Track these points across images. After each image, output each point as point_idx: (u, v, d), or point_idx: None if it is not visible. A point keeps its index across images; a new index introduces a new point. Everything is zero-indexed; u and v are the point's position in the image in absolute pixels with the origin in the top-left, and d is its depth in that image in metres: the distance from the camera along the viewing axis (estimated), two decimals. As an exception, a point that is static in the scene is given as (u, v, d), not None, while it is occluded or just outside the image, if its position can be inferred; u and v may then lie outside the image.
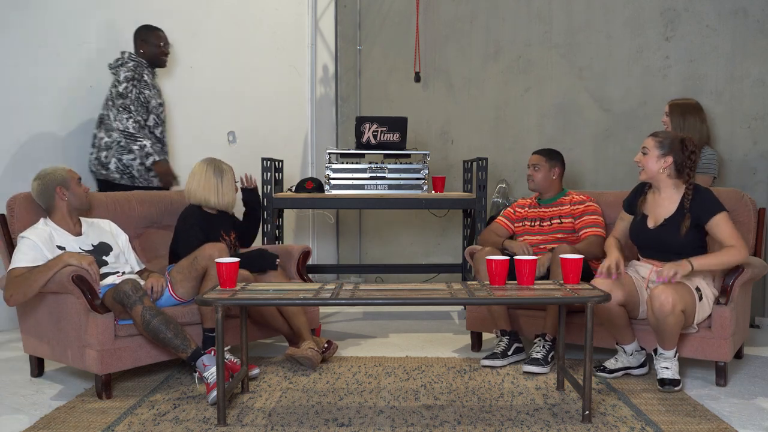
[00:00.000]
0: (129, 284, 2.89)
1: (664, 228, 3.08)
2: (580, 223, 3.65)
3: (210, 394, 2.80)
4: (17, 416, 2.71)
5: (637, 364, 3.21)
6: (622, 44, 5.05)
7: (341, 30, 5.82)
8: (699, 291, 3.01)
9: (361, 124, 4.43)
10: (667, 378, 2.97)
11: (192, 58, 4.87)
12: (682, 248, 3.03)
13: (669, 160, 3.06)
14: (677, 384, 2.97)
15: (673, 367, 2.99)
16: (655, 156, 3.07)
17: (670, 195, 3.11)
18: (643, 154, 3.11)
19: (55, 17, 4.22)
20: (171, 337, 2.87)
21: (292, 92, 5.62)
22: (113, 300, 2.89)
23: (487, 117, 5.44)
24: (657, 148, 3.08)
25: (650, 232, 3.13)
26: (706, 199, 3.05)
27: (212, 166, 3.48)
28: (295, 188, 4.53)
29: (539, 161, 3.77)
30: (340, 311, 4.75)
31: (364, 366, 3.37)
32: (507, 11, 5.34)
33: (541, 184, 3.77)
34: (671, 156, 3.05)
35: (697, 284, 3.03)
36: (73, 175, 3.18)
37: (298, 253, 3.75)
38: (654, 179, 3.12)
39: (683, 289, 2.93)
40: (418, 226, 5.64)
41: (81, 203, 3.19)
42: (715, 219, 2.99)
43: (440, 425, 2.57)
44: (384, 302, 2.71)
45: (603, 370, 3.20)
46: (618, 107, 5.11)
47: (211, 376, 2.82)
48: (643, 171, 3.13)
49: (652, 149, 3.09)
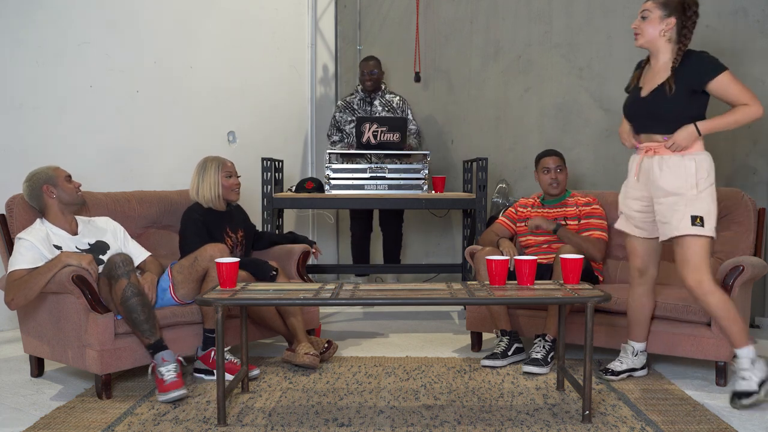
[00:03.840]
0: (121, 257, 2.91)
1: (655, 93, 2.86)
2: (585, 224, 3.65)
3: (166, 394, 2.79)
4: (17, 416, 2.71)
5: (640, 366, 3.18)
6: (622, 44, 5.04)
7: (341, 30, 5.82)
8: (697, 218, 2.78)
9: (361, 124, 4.43)
10: (742, 391, 2.76)
11: (192, 58, 4.87)
12: (676, 116, 2.82)
13: (672, 22, 2.83)
14: (748, 396, 2.76)
15: (755, 372, 2.75)
16: (657, 18, 2.84)
17: (667, 60, 2.88)
18: (642, 18, 2.87)
19: (56, 17, 4.22)
20: (142, 320, 2.87)
21: (292, 92, 5.62)
22: (104, 276, 2.91)
23: (487, 117, 5.44)
24: (659, 8, 2.83)
25: (640, 100, 2.92)
26: (703, 60, 2.81)
27: (199, 165, 3.53)
28: (295, 188, 4.53)
29: (560, 162, 3.76)
30: (340, 311, 4.75)
31: (364, 366, 3.37)
32: (507, 11, 5.34)
33: (564, 185, 3.76)
34: (674, 17, 2.83)
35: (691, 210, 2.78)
36: (60, 173, 3.15)
37: (298, 253, 3.75)
38: (652, 44, 2.89)
39: (685, 246, 2.78)
40: (418, 226, 5.64)
41: (72, 198, 3.16)
42: (718, 80, 2.75)
43: (440, 425, 2.57)
44: (384, 302, 2.71)
45: (609, 373, 3.14)
46: (618, 107, 5.03)
47: (167, 373, 2.82)
48: (639, 36, 2.89)
49: (653, 10, 2.84)
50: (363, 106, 5.01)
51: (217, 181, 3.48)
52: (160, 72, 4.67)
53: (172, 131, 4.76)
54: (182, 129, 4.81)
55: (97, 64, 4.38)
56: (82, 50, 4.33)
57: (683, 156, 2.82)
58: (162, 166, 4.63)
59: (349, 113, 5.02)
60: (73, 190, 3.17)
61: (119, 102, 4.50)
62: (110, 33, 4.44)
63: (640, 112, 2.95)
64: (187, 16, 4.85)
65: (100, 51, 4.39)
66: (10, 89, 4.08)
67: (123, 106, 4.51)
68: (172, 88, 4.75)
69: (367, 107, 4.99)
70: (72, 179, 3.19)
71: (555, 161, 3.74)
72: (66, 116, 4.27)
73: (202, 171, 3.49)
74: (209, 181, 3.47)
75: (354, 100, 5.06)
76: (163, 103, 4.71)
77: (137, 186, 3.94)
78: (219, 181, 3.48)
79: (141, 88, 4.59)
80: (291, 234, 3.95)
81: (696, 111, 2.84)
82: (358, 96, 5.05)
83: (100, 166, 4.35)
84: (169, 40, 4.74)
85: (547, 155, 3.78)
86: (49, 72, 4.20)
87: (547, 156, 3.78)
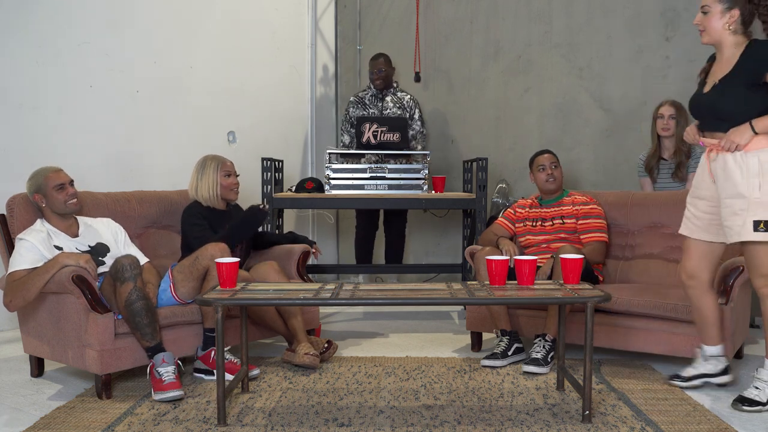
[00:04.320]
0: (129, 259, 2.91)
1: (715, 90, 2.72)
2: (584, 226, 3.65)
3: (162, 393, 2.80)
4: (17, 416, 2.71)
5: (716, 372, 2.96)
6: (622, 44, 5.05)
7: (341, 30, 5.82)
8: (761, 224, 2.61)
9: (361, 124, 4.43)
10: (749, 398, 2.72)
11: (192, 58, 4.87)
12: (737, 113, 2.65)
13: (735, 14, 2.67)
14: (752, 405, 2.71)
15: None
16: (718, 12, 2.69)
17: (732, 55, 2.71)
18: (704, 13, 2.72)
19: (55, 17, 4.22)
20: (144, 324, 2.88)
21: (292, 92, 5.62)
22: (110, 276, 2.91)
23: (487, 117, 5.44)
24: (719, 1, 2.68)
25: (702, 97, 2.77)
26: (761, 48, 2.64)
27: (199, 163, 3.53)
28: (295, 188, 4.53)
29: (554, 159, 3.78)
30: (340, 311, 4.75)
31: (364, 366, 3.37)
32: (507, 11, 5.34)
33: (561, 181, 3.77)
34: (737, 8, 2.67)
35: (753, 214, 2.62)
36: (52, 181, 3.06)
37: (298, 253, 3.75)
38: (717, 40, 2.73)
39: (751, 252, 2.65)
40: (418, 226, 5.64)
41: (60, 209, 3.08)
42: None
43: (440, 425, 2.57)
44: (384, 302, 2.71)
45: (678, 378, 3.00)
46: (618, 107, 5.11)
47: (166, 374, 2.83)
48: (704, 32, 2.74)
49: (713, 5, 2.69)
50: (375, 102, 5.00)
51: (216, 180, 3.48)
52: (160, 72, 4.67)
53: (172, 131, 4.76)
54: (182, 129, 4.81)
55: (97, 64, 4.38)
56: (82, 50, 4.33)
57: (746, 153, 2.64)
58: (162, 166, 4.63)
59: (361, 108, 5.02)
60: (62, 201, 3.07)
61: (119, 102, 4.50)
62: (110, 33, 4.44)
63: (701, 109, 2.80)
64: (187, 16, 4.85)
65: (100, 51, 4.39)
66: (10, 89, 4.08)
67: (123, 106, 4.51)
68: (172, 88, 4.75)
69: (378, 103, 4.99)
70: (68, 186, 3.11)
71: (549, 158, 3.78)
72: (66, 116, 4.27)
73: (201, 170, 3.49)
74: (208, 180, 3.47)
75: (366, 95, 5.06)
76: (163, 103, 4.71)
77: (137, 186, 3.94)
78: (218, 181, 3.48)
79: (141, 88, 4.59)
80: (291, 234, 3.95)
81: (759, 107, 2.65)
82: (371, 92, 5.05)
83: (100, 166, 4.35)
84: (169, 40, 4.74)
85: (541, 154, 3.82)
86: (49, 72, 4.20)
87: (541, 155, 3.81)
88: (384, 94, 5.02)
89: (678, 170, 4.13)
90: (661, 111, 4.17)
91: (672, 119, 4.12)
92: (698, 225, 2.88)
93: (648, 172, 4.25)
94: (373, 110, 4.98)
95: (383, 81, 4.97)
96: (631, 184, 4.74)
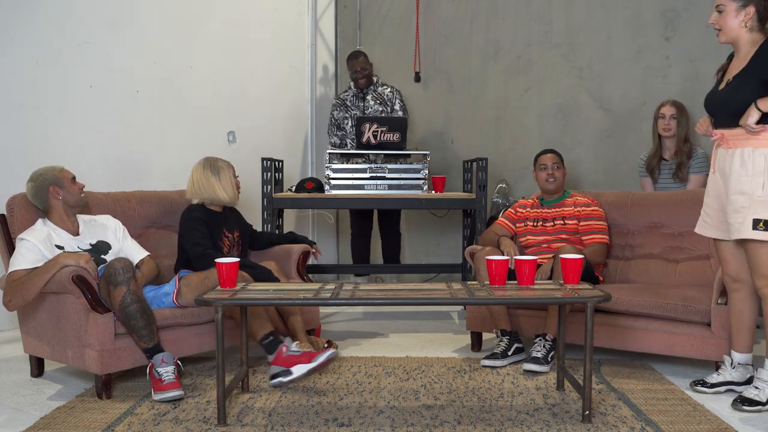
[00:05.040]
0: (121, 263, 2.90)
1: (729, 86, 2.71)
2: (585, 227, 3.65)
3: (163, 393, 2.80)
4: (17, 416, 2.71)
5: (741, 380, 2.91)
6: (622, 44, 5.05)
7: (341, 30, 5.82)
8: (760, 222, 2.60)
9: (361, 124, 4.43)
10: (749, 398, 2.71)
11: (192, 58, 4.87)
12: (747, 108, 2.63)
13: (751, 11, 2.66)
14: (752, 405, 2.70)
15: None
16: (733, 10, 2.68)
17: (749, 52, 2.70)
18: (719, 12, 2.71)
19: (55, 17, 4.22)
20: (140, 327, 2.87)
21: (292, 92, 5.62)
22: (103, 279, 2.91)
23: (487, 117, 5.44)
24: (734, 0, 2.68)
25: (717, 93, 2.77)
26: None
27: (208, 166, 3.51)
28: (295, 188, 4.53)
29: (557, 160, 3.78)
30: (340, 311, 4.75)
31: (364, 366, 3.37)
32: (507, 11, 5.34)
33: (561, 182, 3.77)
34: (752, 5, 2.66)
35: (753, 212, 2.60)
36: (66, 174, 3.16)
37: (298, 253, 3.75)
38: (734, 38, 2.72)
39: (750, 251, 2.63)
40: (418, 226, 5.64)
41: (76, 201, 3.17)
42: None
43: (440, 425, 2.57)
44: (384, 302, 2.71)
45: (702, 384, 2.97)
46: (618, 107, 5.11)
47: (166, 374, 2.83)
48: (721, 32, 2.73)
49: (728, 3, 2.68)
50: (356, 102, 4.99)
51: (232, 183, 3.51)
52: (160, 72, 4.67)
53: (172, 131, 4.76)
54: (182, 129, 4.80)
55: (96, 64, 4.38)
56: (82, 50, 4.33)
57: (754, 150, 2.63)
58: (162, 166, 4.63)
59: (344, 110, 5.01)
60: (77, 191, 3.17)
61: (119, 102, 4.50)
62: (110, 33, 4.44)
63: (715, 105, 2.78)
64: (187, 16, 4.85)
65: (100, 51, 4.39)
66: (10, 89, 4.08)
67: (123, 106, 4.51)
68: (172, 88, 4.75)
69: (360, 103, 4.97)
70: (76, 180, 3.20)
71: (552, 158, 3.78)
72: (66, 116, 4.27)
73: (215, 172, 3.49)
74: (226, 181, 3.49)
75: (347, 96, 5.04)
76: (163, 103, 4.71)
77: (137, 186, 3.95)
78: (234, 181, 3.52)
79: (141, 88, 4.59)
80: (291, 234, 3.95)
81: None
82: (351, 92, 5.03)
83: (101, 165, 4.35)
84: (169, 40, 4.74)
85: (545, 153, 3.83)
86: (49, 72, 4.20)
87: (544, 154, 3.82)
88: (365, 92, 4.98)
89: (679, 170, 4.13)
90: (663, 111, 4.18)
91: (673, 119, 4.13)
92: (709, 223, 2.88)
93: (649, 173, 4.25)
94: (354, 111, 4.96)
95: (367, 79, 4.93)
96: (631, 184, 4.74)
